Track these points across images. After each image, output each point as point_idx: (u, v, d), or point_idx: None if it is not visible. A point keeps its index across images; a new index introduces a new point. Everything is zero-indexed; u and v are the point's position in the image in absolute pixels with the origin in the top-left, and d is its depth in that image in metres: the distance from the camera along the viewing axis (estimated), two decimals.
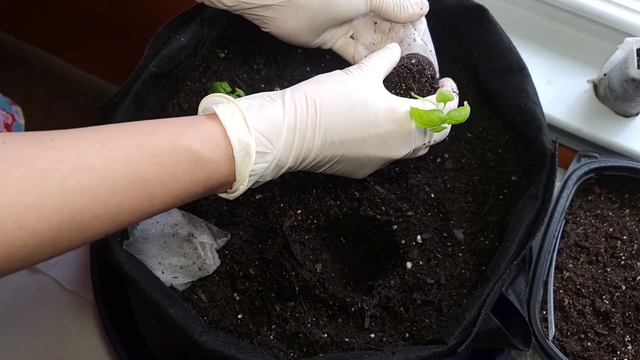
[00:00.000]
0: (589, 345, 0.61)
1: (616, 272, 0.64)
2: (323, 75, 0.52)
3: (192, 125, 0.44)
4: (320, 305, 0.55)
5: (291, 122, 0.48)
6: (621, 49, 0.71)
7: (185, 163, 0.43)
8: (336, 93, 0.49)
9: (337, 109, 0.49)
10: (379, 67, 0.54)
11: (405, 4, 0.58)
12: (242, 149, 0.45)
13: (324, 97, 0.49)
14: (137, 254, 0.54)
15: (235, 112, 0.46)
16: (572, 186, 0.66)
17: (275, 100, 0.48)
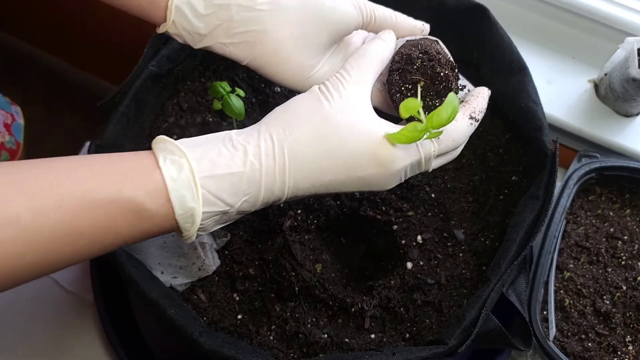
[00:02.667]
0: (590, 346, 0.61)
1: (617, 272, 0.64)
2: (296, 101, 0.45)
3: (137, 174, 0.40)
4: (320, 306, 0.55)
5: (255, 177, 0.43)
6: (622, 49, 0.71)
7: (128, 217, 0.40)
8: (309, 136, 0.43)
9: (310, 154, 0.43)
10: (367, 77, 0.47)
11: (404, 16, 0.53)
12: (185, 212, 0.41)
13: (294, 143, 0.43)
14: (136, 254, 0.54)
15: (183, 167, 0.41)
16: (572, 186, 0.66)
17: (237, 149, 0.43)
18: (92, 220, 0.38)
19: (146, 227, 0.41)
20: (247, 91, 0.66)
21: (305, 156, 0.43)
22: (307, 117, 0.44)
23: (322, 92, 0.45)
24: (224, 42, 0.50)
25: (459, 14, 0.64)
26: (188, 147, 0.42)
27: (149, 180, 0.40)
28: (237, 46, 0.50)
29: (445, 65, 0.49)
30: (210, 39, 0.50)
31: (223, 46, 0.50)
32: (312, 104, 0.45)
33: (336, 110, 0.44)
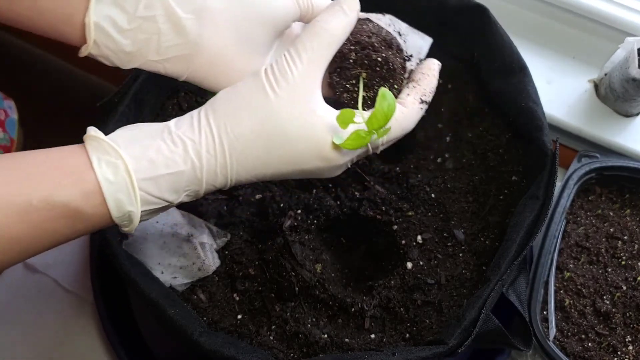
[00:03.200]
0: (590, 346, 0.61)
1: (617, 272, 0.64)
2: (241, 89, 0.42)
3: (72, 176, 0.38)
4: (320, 306, 0.55)
5: (196, 175, 0.41)
6: (622, 49, 0.71)
7: (64, 220, 0.38)
8: (253, 133, 0.41)
9: (253, 151, 0.41)
10: (320, 61, 0.43)
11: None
12: (123, 215, 0.40)
13: (237, 140, 0.41)
14: (136, 254, 0.54)
15: (120, 169, 0.39)
16: (572, 186, 0.66)
17: (176, 145, 0.40)
18: (28, 226, 0.37)
19: (82, 227, 0.40)
20: None
21: (249, 153, 0.41)
22: (251, 111, 0.41)
23: (268, 79, 0.42)
24: (156, 59, 0.45)
25: (459, 14, 0.64)
26: (124, 145, 0.40)
27: (83, 181, 0.38)
28: (171, 62, 0.45)
29: (380, 47, 0.46)
30: (140, 57, 0.45)
31: (155, 64, 0.45)
32: (257, 94, 0.42)
33: (282, 104, 0.41)
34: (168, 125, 0.42)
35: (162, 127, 0.42)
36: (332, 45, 0.43)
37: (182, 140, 0.41)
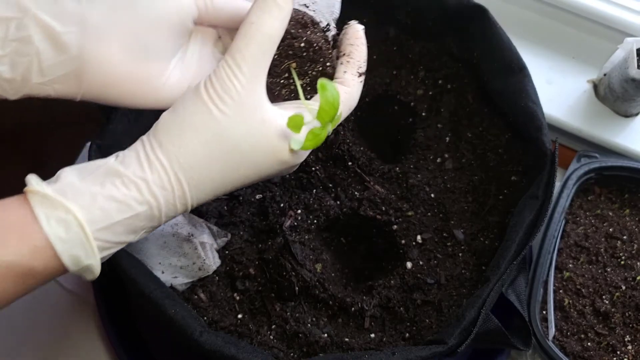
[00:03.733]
0: (589, 345, 0.61)
1: (616, 272, 0.64)
2: (182, 111, 0.39)
3: (18, 234, 0.36)
4: (320, 306, 0.55)
5: (154, 213, 0.39)
6: (621, 49, 0.71)
7: (14, 278, 0.36)
8: (206, 158, 0.39)
9: (210, 176, 0.40)
10: (261, 66, 0.40)
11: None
12: (81, 268, 0.38)
13: (191, 170, 0.39)
14: (136, 253, 0.54)
15: (71, 225, 0.36)
16: (572, 186, 0.66)
17: (129, 189, 0.38)
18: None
19: (35, 282, 0.37)
20: None
21: (206, 177, 0.39)
22: (200, 135, 0.39)
23: (210, 97, 0.39)
24: (41, 81, 0.41)
25: (459, 14, 0.64)
26: (72, 195, 0.37)
27: (31, 238, 0.36)
28: (60, 82, 0.41)
29: (297, 31, 0.44)
30: (24, 83, 0.41)
31: (43, 87, 0.41)
32: (203, 116, 0.39)
33: (232, 122, 0.39)
34: (114, 167, 0.39)
35: (109, 169, 0.39)
36: (271, 47, 0.40)
37: (133, 181, 0.38)
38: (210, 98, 0.39)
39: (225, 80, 0.39)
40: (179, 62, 0.44)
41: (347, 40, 0.47)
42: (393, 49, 0.69)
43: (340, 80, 0.45)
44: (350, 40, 0.47)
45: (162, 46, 0.43)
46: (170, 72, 0.44)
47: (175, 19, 0.43)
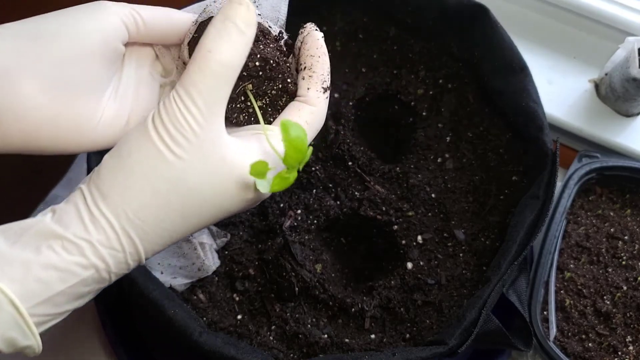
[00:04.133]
0: (590, 346, 0.61)
1: (617, 272, 0.64)
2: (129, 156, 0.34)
3: None
4: (320, 306, 0.55)
5: (102, 276, 0.34)
6: (622, 49, 0.71)
7: None
8: (160, 207, 0.34)
9: (166, 225, 0.35)
10: (220, 100, 0.35)
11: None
12: (19, 349, 0.33)
13: (144, 223, 0.34)
14: None
15: (2, 305, 0.30)
16: (573, 186, 0.66)
17: (70, 253, 0.32)
18: None
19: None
20: None
21: (162, 229, 0.34)
22: (152, 185, 0.34)
23: (161, 138, 0.34)
24: None
25: (460, 13, 0.64)
26: (1, 269, 0.31)
27: None
28: None
29: (253, 48, 0.39)
30: None
31: None
32: (152, 160, 0.34)
33: (187, 166, 0.34)
34: (50, 225, 0.33)
35: (44, 228, 0.33)
36: (231, 78, 0.35)
37: (75, 244, 0.33)
38: (161, 139, 0.34)
39: (178, 118, 0.34)
40: (112, 93, 0.39)
41: (307, 51, 0.41)
42: (393, 49, 0.69)
43: (304, 99, 0.40)
44: (311, 51, 0.41)
45: (90, 79, 0.37)
46: (104, 108, 0.38)
47: (101, 45, 0.37)
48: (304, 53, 0.41)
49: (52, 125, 0.36)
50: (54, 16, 0.37)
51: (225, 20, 0.35)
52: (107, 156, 0.35)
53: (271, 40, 0.40)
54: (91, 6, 0.37)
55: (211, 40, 0.34)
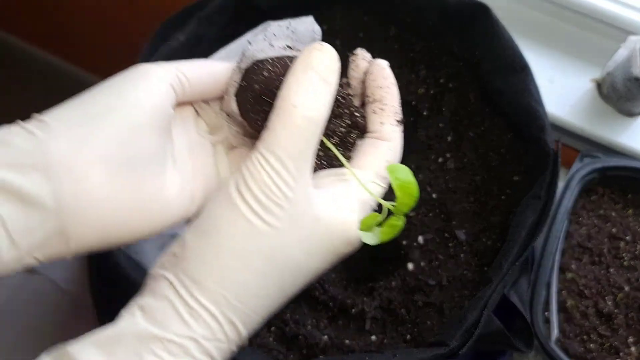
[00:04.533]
0: (592, 347, 0.60)
1: (619, 273, 0.64)
2: (219, 241, 0.31)
3: None
4: (320, 307, 0.55)
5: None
6: (624, 48, 0.71)
7: None
8: (259, 286, 0.31)
9: (264, 302, 0.32)
10: (309, 159, 0.32)
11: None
12: None
13: (245, 306, 0.31)
14: (134, 254, 0.54)
15: None
16: (574, 186, 0.66)
17: (175, 355, 0.30)
18: None
19: None
20: None
21: (262, 307, 0.32)
22: (246, 261, 0.31)
23: (251, 209, 0.31)
24: (15, 255, 0.31)
25: (460, 12, 0.64)
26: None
27: None
28: (41, 247, 0.32)
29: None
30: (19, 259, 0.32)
31: (18, 262, 0.32)
32: (244, 235, 0.31)
33: (283, 235, 0.31)
34: (146, 328, 0.30)
35: (141, 332, 0.30)
36: (318, 133, 0.32)
37: (179, 345, 0.30)
38: (251, 209, 0.31)
39: (267, 184, 0.31)
40: (172, 164, 0.36)
41: (374, 82, 0.38)
42: (394, 48, 0.69)
43: (379, 135, 0.37)
44: (378, 82, 0.38)
45: (151, 153, 0.34)
46: (169, 182, 0.35)
47: (155, 115, 0.34)
48: (370, 84, 0.38)
49: (125, 214, 0.34)
50: (101, 93, 0.34)
51: (307, 69, 0.32)
52: (190, 236, 0.32)
53: (346, 89, 0.38)
54: (136, 74, 0.35)
55: (295, 93, 0.31)
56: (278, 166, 0.31)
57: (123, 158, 0.33)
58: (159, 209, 0.35)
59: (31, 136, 0.32)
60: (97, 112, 0.33)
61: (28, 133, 0.32)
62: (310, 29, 0.40)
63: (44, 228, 0.31)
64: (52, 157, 0.31)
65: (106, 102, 0.34)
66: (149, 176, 0.34)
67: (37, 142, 0.32)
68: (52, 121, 0.33)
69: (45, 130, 0.32)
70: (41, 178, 0.31)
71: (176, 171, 0.36)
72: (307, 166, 0.32)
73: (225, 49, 0.41)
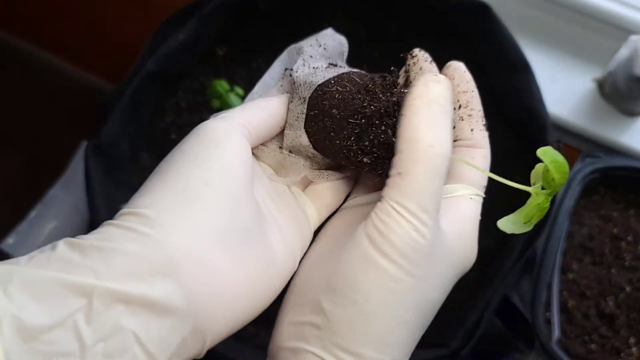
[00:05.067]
0: (593, 348, 0.60)
1: (620, 273, 0.64)
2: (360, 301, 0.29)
3: None
4: None
5: None
6: (625, 47, 0.70)
7: None
8: (409, 337, 0.30)
9: (409, 352, 0.32)
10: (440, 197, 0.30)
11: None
12: None
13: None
14: None
15: None
16: (576, 186, 0.65)
17: None
18: None
19: None
20: (246, 90, 0.66)
21: (408, 355, 0.31)
22: (397, 319, 0.29)
23: (398, 266, 0.29)
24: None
25: (461, 12, 0.63)
26: None
27: None
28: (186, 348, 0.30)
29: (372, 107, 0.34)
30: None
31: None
32: (392, 291, 0.29)
33: (428, 283, 0.30)
34: None
35: None
36: (447, 166, 0.30)
37: None
38: (398, 266, 0.29)
39: (412, 236, 0.29)
40: (270, 222, 0.34)
41: (457, 87, 0.37)
42: (394, 47, 0.68)
43: (471, 143, 0.36)
44: (462, 87, 0.37)
45: (254, 216, 0.32)
46: (274, 242, 0.33)
47: (247, 177, 0.32)
48: (454, 90, 0.37)
49: (252, 291, 0.32)
50: (185, 166, 0.31)
51: (431, 105, 0.30)
52: (331, 305, 0.29)
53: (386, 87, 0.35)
54: (212, 137, 0.32)
55: (427, 132, 0.29)
56: (420, 213, 0.29)
57: (235, 232, 0.31)
58: (276, 273, 0.33)
59: (143, 238, 0.29)
60: (194, 191, 0.30)
61: (139, 235, 0.29)
62: (338, 42, 0.40)
63: (180, 332, 0.29)
64: (172, 257, 0.29)
65: (198, 176, 0.31)
66: (260, 242, 0.32)
67: (152, 243, 0.29)
68: (154, 214, 0.29)
69: (153, 227, 0.29)
70: (168, 282, 0.28)
71: (275, 227, 0.34)
72: (439, 202, 0.30)
73: (259, 84, 0.39)
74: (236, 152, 0.32)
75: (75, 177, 0.72)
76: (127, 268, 0.27)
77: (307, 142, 0.35)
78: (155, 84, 0.61)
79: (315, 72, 0.36)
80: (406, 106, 0.30)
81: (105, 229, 0.29)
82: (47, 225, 0.69)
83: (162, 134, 0.64)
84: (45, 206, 0.70)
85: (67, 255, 0.27)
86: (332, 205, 0.38)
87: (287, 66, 0.39)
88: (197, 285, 0.29)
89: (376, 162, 0.33)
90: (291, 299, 0.33)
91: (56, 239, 0.28)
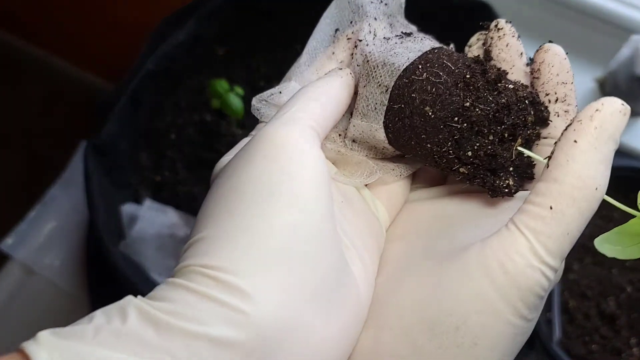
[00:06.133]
0: (594, 348, 0.60)
1: (621, 274, 0.64)
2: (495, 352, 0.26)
3: None
4: None
5: None
6: (626, 47, 0.70)
7: None
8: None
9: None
10: None
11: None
12: None
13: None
14: (133, 255, 0.54)
15: None
16: None
17: None
18: None
19: None
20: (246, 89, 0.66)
21: None
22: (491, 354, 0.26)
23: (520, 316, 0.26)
24: None
25: (462, 11, 0.63)
26: None
27: None
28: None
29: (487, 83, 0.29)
30: None
31: None
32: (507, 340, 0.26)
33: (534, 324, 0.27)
34: None
35: None
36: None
37: None
38: (516, 310, 0.25)
39: (541, 283, 0.26)
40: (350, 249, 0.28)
41: (556, 77, 0.32)
42: None
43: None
44: (562, 77, 0.31)
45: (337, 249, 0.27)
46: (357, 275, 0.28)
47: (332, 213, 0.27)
48: (552, 79, 0.31)
49: (341, 342, 0.27)
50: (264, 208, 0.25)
51: (609, 141, 0.26)
52: (429, 345, 0.26)
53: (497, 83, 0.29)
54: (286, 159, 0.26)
55: (598, 171, 0.25)
56: (557, 259, 0.26)
57: (324, 283, 0.25)
58: (362, 313, 0.28)
59: (233, 316, 0.23)
60: (281, 244, 0.25)
61: (225, 310, 0.23)
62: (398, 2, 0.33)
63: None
64: (268, 337, 0.24)
65: (282, 224, 0.25)
66: (346, 284, 0.27)
67: (244, 323, 0.23)
68: (241, 282, 0.24)
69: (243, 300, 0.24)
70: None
71: (355, 255, 0.28)
72: None
73: (306, 53, 0.33)
74: (317, 179, 0.26)
75: (75, 177, 0.72)
76: (212, 353, 0.23)
77: (383, 136, 0.29)
78: (154, 83, 0.61)
79: (393, 48, 0.29)
80: (582, 133, 0.25)
81: (177, 293, 0.24)
82: (46, 226, 0.69)
83: (161, 133, 0.64)
84: (44, 206, 0.70)
85: (140, 332, 0.23)
86: (402, 203, 0.32)
87: (339, 26, 0.32)
88: (298, 354, 0.25)
89: (475, 173, 0.28)
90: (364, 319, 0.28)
91: (55, 239, 0.28)
